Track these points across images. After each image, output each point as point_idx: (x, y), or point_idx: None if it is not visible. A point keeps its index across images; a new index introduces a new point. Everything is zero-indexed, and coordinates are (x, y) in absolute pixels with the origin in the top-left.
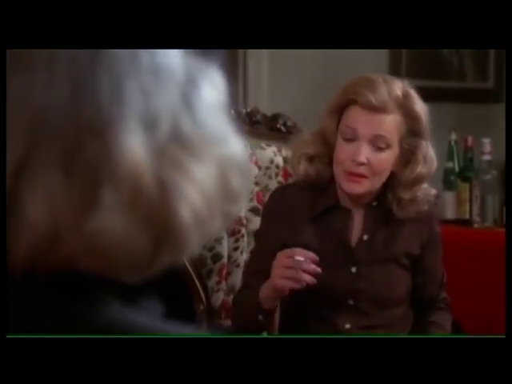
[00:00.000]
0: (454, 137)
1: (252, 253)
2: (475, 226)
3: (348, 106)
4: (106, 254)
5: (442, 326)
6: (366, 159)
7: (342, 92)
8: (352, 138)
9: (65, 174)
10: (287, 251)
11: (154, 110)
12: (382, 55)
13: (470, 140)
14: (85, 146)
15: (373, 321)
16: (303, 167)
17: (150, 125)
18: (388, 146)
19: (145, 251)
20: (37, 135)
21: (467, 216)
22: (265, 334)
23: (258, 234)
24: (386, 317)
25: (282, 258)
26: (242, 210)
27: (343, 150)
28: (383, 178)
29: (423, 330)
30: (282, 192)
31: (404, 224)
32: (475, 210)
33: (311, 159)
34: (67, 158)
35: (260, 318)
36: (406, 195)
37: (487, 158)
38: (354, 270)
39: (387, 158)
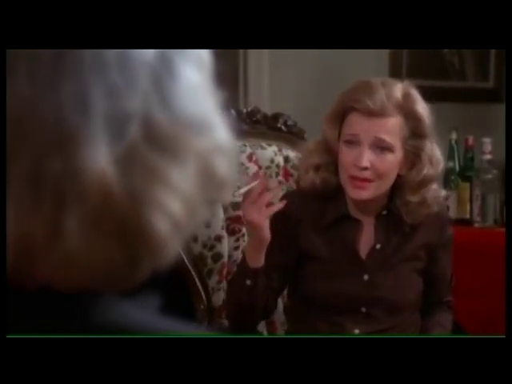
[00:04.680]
0: (454, 136)
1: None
2: (476, 225)
3: (347, 114)
4: (82, 273)
5: (444, 327)
6: (369, 163)
7: (341, 99)
8: (354, 144)
9: (32, 191)
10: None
11: (122, 109)
12: (382, 55)
13: (470, 140)
14: (47, 159)
15: (383, 325)
16: (310, 177)
17: (118, 128)
18: (390, 149)
19: (121, 266)
20: (5, 145)
21: (468, 216)
22: (265, 334)
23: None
24: (397, 321)
25: (242, 206)
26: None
27: (346, 156)
28: (389, 182)
29: (426, 328)
30: (293, 197)
31: (415, 229)
32: (476, 209)
33: (317, 168)
34: (33, 173)
35: (248, 282)
36: (414, 198)
37: (488, 157)
38: (366, 277)
39: (391, 161)
